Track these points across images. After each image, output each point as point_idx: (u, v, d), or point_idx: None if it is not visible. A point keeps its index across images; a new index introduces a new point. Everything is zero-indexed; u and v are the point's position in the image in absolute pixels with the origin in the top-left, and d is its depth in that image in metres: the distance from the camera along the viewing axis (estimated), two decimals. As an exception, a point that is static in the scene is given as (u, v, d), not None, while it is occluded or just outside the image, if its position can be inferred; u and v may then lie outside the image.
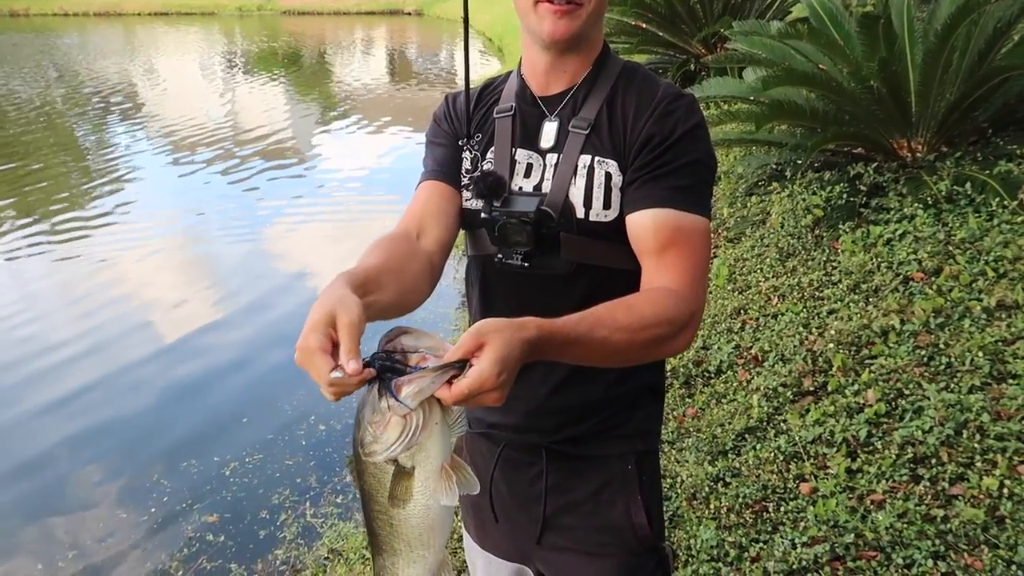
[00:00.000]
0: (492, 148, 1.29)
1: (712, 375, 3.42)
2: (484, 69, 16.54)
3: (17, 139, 11.70)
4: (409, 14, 32.63)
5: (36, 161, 10.41)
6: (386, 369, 0.90)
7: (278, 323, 5.49)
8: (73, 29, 29.39)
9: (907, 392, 2.74)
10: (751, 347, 3.43)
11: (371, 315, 0.99)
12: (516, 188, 1.25)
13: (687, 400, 3.31)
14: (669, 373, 3.49)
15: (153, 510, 3.56)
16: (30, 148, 11.15)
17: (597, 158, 1.21)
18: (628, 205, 1.19)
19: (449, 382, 0.89)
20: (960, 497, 2.29)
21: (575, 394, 1.29)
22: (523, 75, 1.31)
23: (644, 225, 1.16)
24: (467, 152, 1.31)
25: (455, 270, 4.66)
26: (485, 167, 1.28)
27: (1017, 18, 3.92)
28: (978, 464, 2.37)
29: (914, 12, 4.33)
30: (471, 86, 1.35)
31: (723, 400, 3.20)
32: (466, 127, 1.32)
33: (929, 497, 2.34)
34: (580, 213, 1.21)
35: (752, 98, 4.56)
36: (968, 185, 3.57)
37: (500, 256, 1.25)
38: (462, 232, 1.35)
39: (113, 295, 6.10)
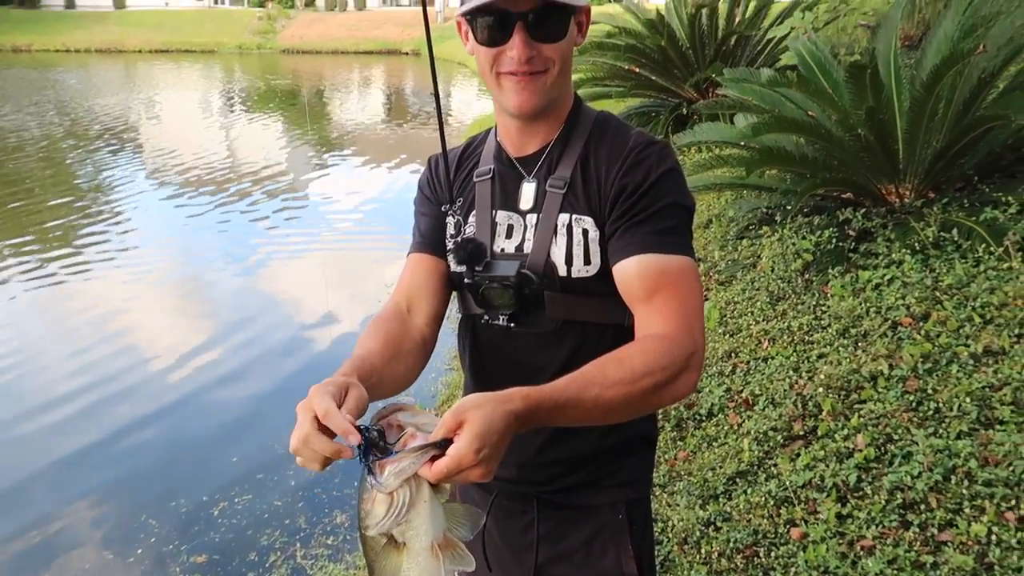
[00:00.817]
0: (473, 212, 1.32)
1: (703, 418, 3.43)
2: (480, 106, 16.76)
3: (16, 172, 11.77)
4: (407, 54, 33.07)
5: (32, 195, 10.46)
6: (372, 445, 0.94)
7: (269, 360, 5.49)
8: (75, 65, 29.71)
9: (896, 437, 2.75)
10: (742, 390, 3.45)
11: (371, 398, 1.05)
12: (498, 250, 1.28)
13: (679, 443, 3.32)
14: (660, 416, 3.50)
15: (140, 551, 3.52)
16: (27, 180, 11.21)
17: (574, 216, 1.23)
18: (612, 256, 1.20)
19: (433, 460, 0.92)
20: (949, 543, 2.30)
21: (566, 447, 1.31)
22: (498, 138, 1.34)
23: (630, 273, 1.17)
24: (450, 217, 1.34)
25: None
26: (467, 232, 1.31)
27: (1000, 69, 4.02)
28: (967, 510, 2.37)
29: (900, 61, 4.44)
30: (448, 144, 1.40)
31: (714, 443, 3.21)
32: (448, 192, 1.36)
33: (919, 543, 2.34)
34: (563, 271, 1.23)
35: (743, 143, 4.65)
36: (955, 231, 3.63)
37: (486, 317, 1.28)
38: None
39: (104, 331, 6.09)
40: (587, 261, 1.22)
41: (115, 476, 4.19)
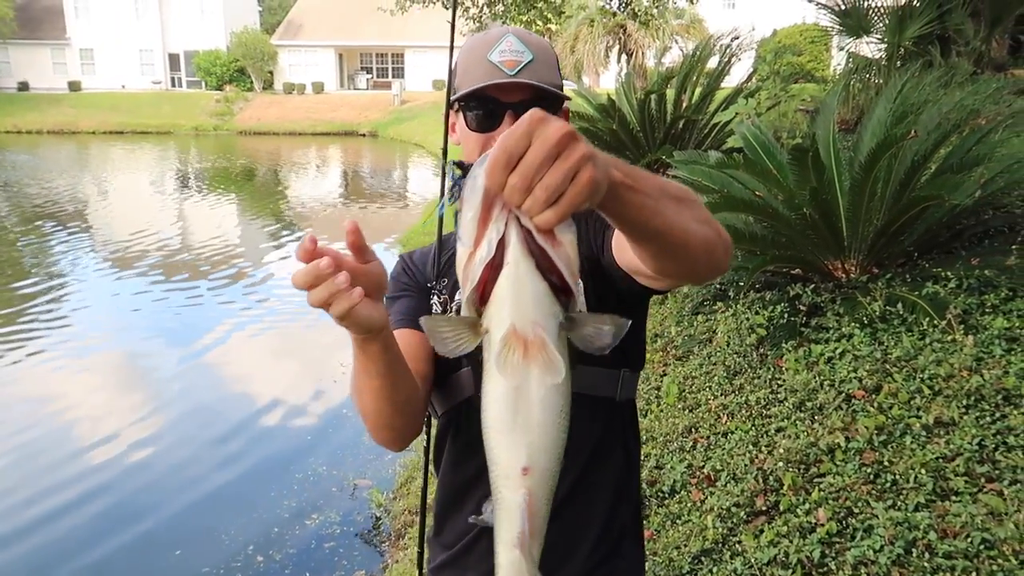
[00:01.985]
0: (459, 289, 1.32)
1: (666, 495, 3.41)
2: (437, 185, 16.96)
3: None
4: (364, 135, 33.60)
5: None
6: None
7: (218, 443, 5.33)
8: (26, 146, 29.43)
9: (856, 510, 2.77)
10: (703, 466, 3.45)
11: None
12: None
13: (643, 523, 3.28)
14: (624, 493, 3.47)
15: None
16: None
17: None
18: (608, 252, 1.18)
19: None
20: (915, 619, 2.29)
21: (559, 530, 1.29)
22: None
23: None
24: (435, 296, 1.33)
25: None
26: (455, 309, 1.31)
27: (931, 152, 4.26)
28: (930, 584, 2.38)
29: (839, 144, 4.67)
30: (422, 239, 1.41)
31: (678, 521, 3.19)
32: (434, 269, 1.35)
33: (885, 620, 2.33)
34: None
35: (694, 222, 4.78)
36: (900, 305, 3.76)
37: None
38: None
39: (45, 412, 5.87)
40: None
41: (49, 561, 3.96)
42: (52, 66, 41.60)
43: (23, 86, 40.36)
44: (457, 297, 1.31)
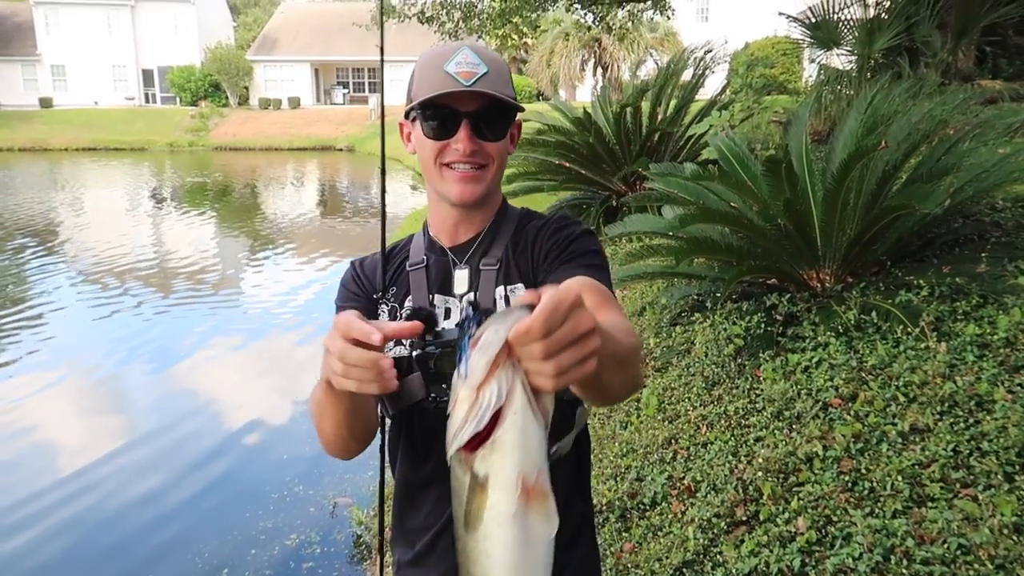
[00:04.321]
0: (409, 297, 1.37)
1: (647, 507, 3.41)
2: (415, 200, 16.98)
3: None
4: (341, 150, 33.53)
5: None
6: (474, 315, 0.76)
7: (189, 462, 5.25)
8: (-4, 163, 29.02)
9: (835, 519, 2.79)
10: (683, 477, 3.46)
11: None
12: (440, 328, 1.29)
13: (624, 535, 3.28)
14: (605, 506, 3.47)
15: None
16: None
17: (508, 287, 1.32)
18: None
19: None
20: (895, 626, 2.30)
21: None
22: (430, 231, 1.41)
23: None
24: (383, 305, 1.38)
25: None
26: (404, 315, 1.35)
27: (902, 162, 4.33)
28: (908, 591, 2.40)
29: (812, 155, 4.73)
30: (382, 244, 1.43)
31: (659, 533, 3.19)
32: (382, 275, 1.39)
33: (865, 627, 2.34)
34: None
35: (671, 234, 4.82)
36: (874, 314, 3.80)
37: (434, 396, 1.22)
38: None
39: (11, 430, 5.77)
40: None
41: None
42: (23, 82, 41.16)
43: (-8, 103, 39.83)
44: (408, 303, 1.36)
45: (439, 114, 1.28)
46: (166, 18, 42.34)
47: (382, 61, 1.52)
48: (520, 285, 1.32)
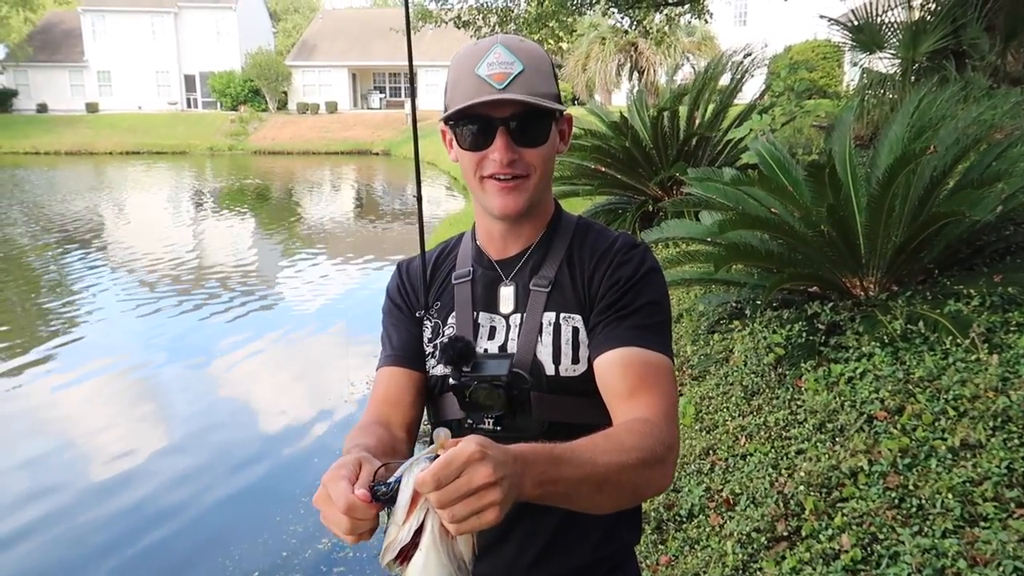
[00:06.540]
0: (453, 313, 1.30)
1: (684, 519, 3.34)
2: (450, 204, 17.04)
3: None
4: (377, 154, 33.79)
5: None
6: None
7: (220, 466, 5.28)
8: (44, 166, 29.80)
9: (881, 536, 2.69)
10: (722, 489, 3.38)
11: None
12: (482, 350, 1.25)
13: (660, 547, 3.21)
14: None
15: None
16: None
17: (562, 314, 1.24)
18: (595, 348, 1.20)
19: None
20: (945, 651, 2.21)
21: (559, 561, 1.25)
22: (478, 241, 1.33)
23: (613, 363, 1.17)
24: (427, 321, 1.32)
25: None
26: (447, 334, 1.28)
27: (950, 168, 4.19)
28: (960, 615, 2.30)
29: (856, 160, 4.61)
30: (428, 248, 1.38)
31: (697, 546, 3.11)
32: (424, 296, 1.33)
33: (914, 652, 2.25)
34: (550, 370, 1.22)
35: (710, 240, 4.73)
36: (921, 324, 3.68)
37: (470, 422, 1.22)
38: None
39: (49, 433, 5.86)
40: (575, 360, 1.22)
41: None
42: (70, 88, 42.30)
43: (42, 108, 40.98)
44: (451, 320, 1.30)
45: (473, 123, 1.19)
46: (208, 24, 43.17)
47: (411, 68, 1.48)
48: (578, 317, 1.23)
